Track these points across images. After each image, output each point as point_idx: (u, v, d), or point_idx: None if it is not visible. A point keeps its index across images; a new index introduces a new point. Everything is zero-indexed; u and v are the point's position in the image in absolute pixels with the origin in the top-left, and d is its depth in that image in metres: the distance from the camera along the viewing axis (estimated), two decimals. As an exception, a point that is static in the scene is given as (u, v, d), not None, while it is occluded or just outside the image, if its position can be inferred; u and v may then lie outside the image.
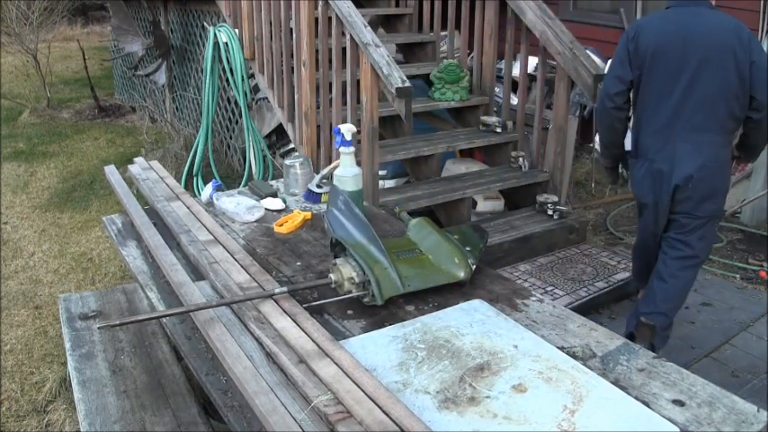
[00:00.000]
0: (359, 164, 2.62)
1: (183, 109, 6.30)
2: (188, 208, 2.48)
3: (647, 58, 2.55)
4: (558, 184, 3.83)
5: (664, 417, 1.35)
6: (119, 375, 2.26)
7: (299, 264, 2.11)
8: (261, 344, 1.63)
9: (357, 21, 3.25)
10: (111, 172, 2.90)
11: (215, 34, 4.47)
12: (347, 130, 2.42)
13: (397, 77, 3.04)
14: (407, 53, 4.94)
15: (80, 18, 12.45)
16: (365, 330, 1.71)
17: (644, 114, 2.63)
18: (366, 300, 1.80)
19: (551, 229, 3.63)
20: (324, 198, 2.59)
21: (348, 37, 3.31)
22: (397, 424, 1.30)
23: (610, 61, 2.80)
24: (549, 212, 3.72)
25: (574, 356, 1.57)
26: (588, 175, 4.95)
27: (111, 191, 3.64)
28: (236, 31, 4.38)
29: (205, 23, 5.30)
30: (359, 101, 3.36)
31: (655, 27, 2.59)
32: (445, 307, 1.80)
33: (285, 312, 1.73)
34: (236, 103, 5.14)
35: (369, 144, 3.27)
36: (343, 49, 3.41)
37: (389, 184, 4.20)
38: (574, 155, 4.44)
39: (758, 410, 1.37)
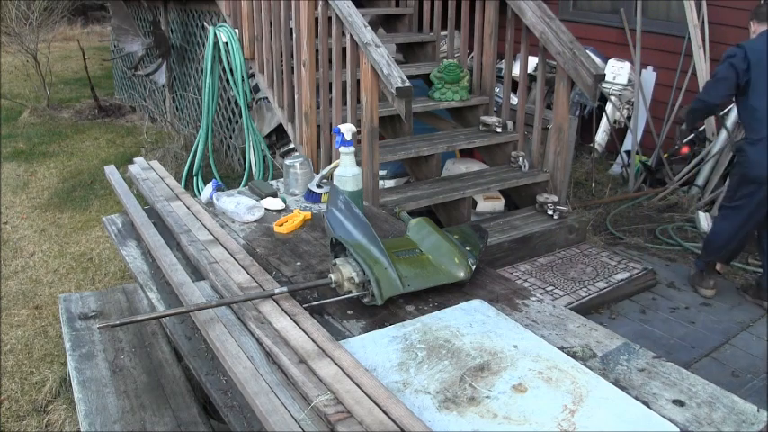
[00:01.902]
0: (359, 164, 2.62)
1: (183, 109, 6.30)
2: (188, 208, 2.48)
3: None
4: (558, 184, 3.83)
5: (664, 417, 1.35)
6: (119, 375, 2.26)
7: (299, 264, 2.11)
8: (261, 344, 1.63)
9: (357, 21, 3.25)
10: (111, 172, 2.90)
11: (215, 34, 4.47)
12: (347, 130, 2.41)
13: (397, 77, 3.04)
14: (407, 53, 4.94)
15: (80, 18, 12.44)
16: (365, 330, 1.71)
17: None
18: (366, 300, 1.80)
19: (551, 229, 3.64)
20: (324, 198, 2.59)
21: (348, 37, 3.31)
22: (397, 424, 1.30)
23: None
24: (549, 212, 3.72)
25: (574, 356, 1.57)
26: (588, 175, 4.95)
27: (111, 191, 3.65)
28: (236, 31, 4.38)
29: (205, 23, 5.30)
30: (359, 101, 3.36)
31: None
32: (445, 307, 1.80)
33: (285, 312, 1.73)
34: (236, 103, 5.14)
35: (369, 144, 3.27)
36: (343, 49, 3.41)
37: (389, 184, 4.20)
38: (574, 155, 4.44)
39: (758, 410, 1.37)
